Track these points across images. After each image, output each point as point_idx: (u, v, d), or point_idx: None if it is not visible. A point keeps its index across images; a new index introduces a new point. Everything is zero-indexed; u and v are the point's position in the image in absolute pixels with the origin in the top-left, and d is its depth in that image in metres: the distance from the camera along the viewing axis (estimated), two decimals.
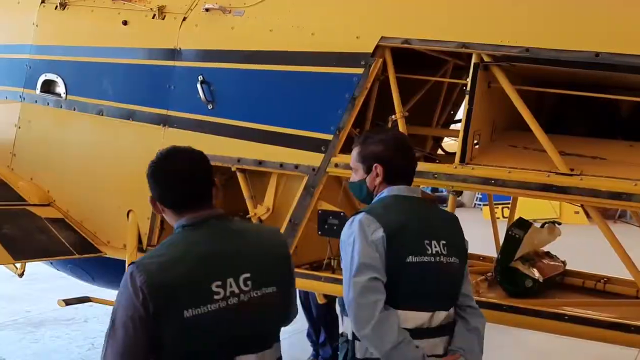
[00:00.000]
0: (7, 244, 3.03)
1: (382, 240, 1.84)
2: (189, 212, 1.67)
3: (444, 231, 1.98)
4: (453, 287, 1.98)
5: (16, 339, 5.57)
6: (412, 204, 1.99)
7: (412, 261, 1.87)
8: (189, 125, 3.11)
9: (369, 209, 1.94)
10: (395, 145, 2.02)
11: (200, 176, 1.71)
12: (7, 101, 3.82)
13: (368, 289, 1.80)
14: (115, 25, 3.33)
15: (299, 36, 2.80)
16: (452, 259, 1.95)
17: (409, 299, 1.87)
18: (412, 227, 1.91)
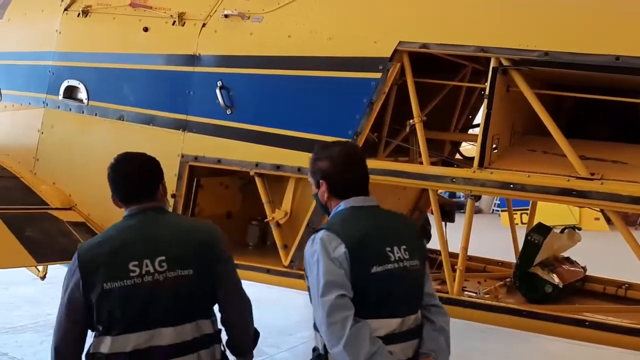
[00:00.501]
0: (29, 246, 3.09)
1: (345, 255, 1.86)
2: (132, 205, 2.05)
3: (404, 236, 2.01)
4: (419, 289, 2.01)
5: (37, 342, 5.65)
6: (369, 214, 2.02)
7: (377, 271, 1.89)
8: (207, 130, 3.15)
9: (329, 225, 1.97)
10: (342, 161, 2.04)
11: (140, 176, 2.08)
12: (31, 107, 3.91)
13: (336, 307, 1.83)
14: (136, 32, 3.39)
15: (317, 41, 2.82)
16: (415, 262, 1.97)
17: (379, 308, 1.89)
18: (373, 236, 1.93)
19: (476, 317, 2.63)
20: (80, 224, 3.56)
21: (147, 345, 1.89)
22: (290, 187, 2.99)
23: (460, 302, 2.60)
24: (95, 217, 3.61)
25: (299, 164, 2.87)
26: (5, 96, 4.11)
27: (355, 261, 1.87)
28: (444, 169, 2.66)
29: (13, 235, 3.11)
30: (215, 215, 3.26)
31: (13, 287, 7.56)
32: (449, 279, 2.65)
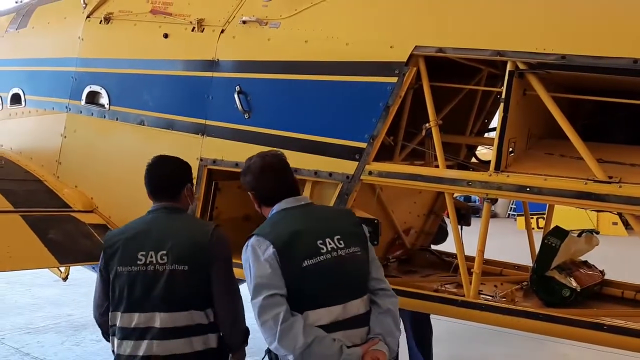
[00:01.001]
0: (53, 248, 3.16)
1: (273, 255, 2.01)
2: (155, 202, 2.46)
3: (338, 226, 2.15)
4: (361, 274, 2.14)
5: (59, 342, 5.77)
6: (299, 212, 2.18)
7: (308, 264, 2.02)
8: (226, 135, 3.20)
9: (258, 231, 2.13)
10: (260, 171, 2.24)
11: (167, 177, 2.46)
12: (54, 112, 4.00)
13: (265, 307, 1.98)
14: (156, 38, 3.45)
15: (334, 46, 2.86)
16: (353, 248, 2.11)
17: (316, 299, 2.02)
18: (302, 233, 2.07)
19: (492, 320, 2.63)
20: (101, 226, 3.63)
21: (146, 325, 2.21)
22: (307, 190, 3.01)
23: (477, 306, 2.60)
24: (115, 220, 3.68)
25: (316, 167, 2.91)
26: (30, 101, 4.21)
27: (284, 259, 2.01)
28: (460, 172, 2.67)
29: (37, 237, 3.19)
30: (233, 218, 3.31)
31: (35, 288, 7.72)
32: (465, 282, 2.66)
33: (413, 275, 3.49)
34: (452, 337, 5.51)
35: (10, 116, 4.34)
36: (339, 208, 2.69)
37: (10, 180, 3.77)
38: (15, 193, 3.55)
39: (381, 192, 3.13)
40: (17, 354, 5.42)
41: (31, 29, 4.35)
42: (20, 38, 4.42)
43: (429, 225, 3.84)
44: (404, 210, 3.58)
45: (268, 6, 3.14)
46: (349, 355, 1.99)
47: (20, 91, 4.25)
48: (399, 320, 2.19)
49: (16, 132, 4.28)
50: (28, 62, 4.27)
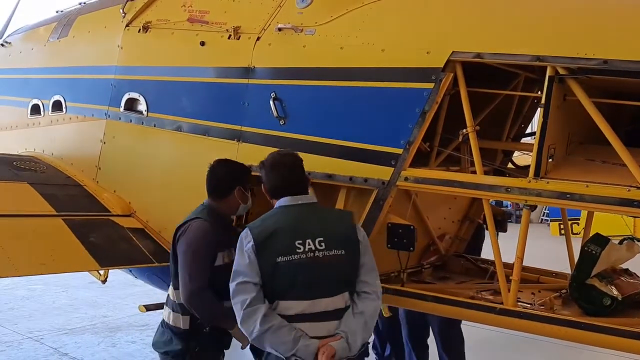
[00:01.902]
0: (93, 251, 3.25)
1: (252, 248, 2.27)
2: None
3: (325, 229, 2.34)
4: (338, 275, 2.32)
5: (95, 343, 5.91)
6: (290, 211, 2.39)
7: (281, 261, 2.25)
8: (261, 141, 3.23)
9: (251, 224, 2.39)
10: (270, 166, 2.48)
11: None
12: (94, 118, 4.11)
13: (236, 291, 2.28)
14: (193, 46, 3.52)
15: (369, 53, 2.87)
16: (334, 251, 2.30)
17: (286, 292, 2.26)
18: (284, 231, 2.30)
19: (532, 328, 2.59)
20: (139, 230, 3.72)
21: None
22: (341, 196, 3.03)
23: (516, 314, 2.57)
24: (153, 224, 3.76)
25: (351, 173, 2.92)
26: (70, 108, 4.34)
27: (260, 253, 2.26)
28: (499, 179, 2.64)
29: (78, 240, 3.29)
30: None
31: (71, 289, 7.93)
32: (503, 289, 2.63)
33: (447, 281, 3.46)
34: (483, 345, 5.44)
35: (51, 123, 4.47)
36: (338, 211, 2.82)
37: (52, 185, 3.88)
38: (57, 197, 3.66)
39: (416, 198, 3.12)
40: (55, 354, 5.57)
41: (72, 38, 4.48)
42: (61, 47, 4.56)
43: (464, 231, 3.80)
44: (438, 216, 3.56)
45: (303, 13, 3.17)
46: (305, 346, 2.22)
47: (62, 98, 4.38)
48: (371, 323, 2.36)
49: (57, 138, 4.41)
50: (69, 70, 4.40)
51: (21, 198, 3.59)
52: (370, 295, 2.36)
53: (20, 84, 4.90)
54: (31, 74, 4.81)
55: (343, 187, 3.00)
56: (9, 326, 6.37)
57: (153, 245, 3.60)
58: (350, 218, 2.50)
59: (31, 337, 6.04)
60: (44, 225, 3.36)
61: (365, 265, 2.40)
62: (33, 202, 3.54)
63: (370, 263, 2.42)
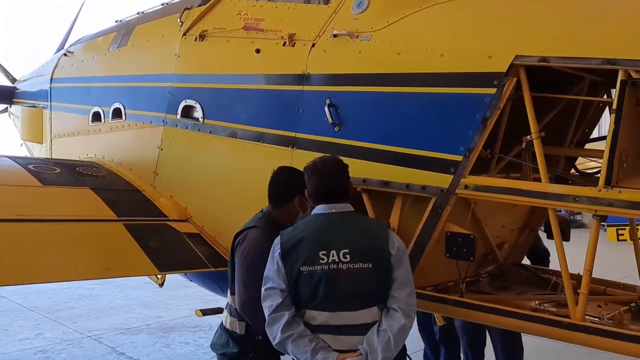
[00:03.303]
0: (152, 256, 3.32)
1: (279, 256, 2.32)
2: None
3: (352, 240, 2.31)
4: (362, 289, 2.28)
5: (150, 343, 6.06)
6: (320, 220, 2.39)
7: (304, 270, 2.27)
8: (316, 147, 3.22)
9: (286, 230, 2.44)
10: (311, 173, 2.48)
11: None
12: (152, 125, 4.22)
13: (265, 296, 2.35)
14: (248, 54, 3.55)
15: (428, 58, 2.81)
16: (359, 264, 2.27)
17: (309, 301, 2.28)
18: (308, 241, 2.31)
19: (600, 344, 2.46)
20: (195, 235, 3.78)
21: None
22: (397, 203, 2.98)
23: (585, 329, 2.45)
24: (208, 229, 3.82)
25: (408, 180, 2.86)
26: (129, 115, 4.47)
27: (286, 261, 2.30)
28: (567, 188, 2.53)
29: (138, 245, 3.37)
30: None
31: (127, 290, 8.17)
32: (570, 302, 2.51)
33: (507, 291, 3.35)
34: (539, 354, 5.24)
35: (111, 129, 4.62)
36: (372, 221, 2.75)
37: (112, 191, 4.01)
38: (117, 203, 3.78)
39: (475, 206, 3.03)
40: (113, 353, 5.75)
41: (131, 47, 4.61)
42: (121, 56, 4.71)
43: (523, 240, 3.68)
44: (497, 224, 3.45)
45: (359, 19, 3.14)
46: (323, 358, 2.23)
47: (121, 106, 4.52)
48: (396, 342, 2.26)
49: (117, 144, 4.55)
50: (128, 78, 4.53)
51: (84, 203, 3.72)
52: (397, 312, 2.28)
53: (82, 92, 5.09)
54: (93, 83, 4.99)
55: (399, 194, 2.95)
56: (70, 325, 6.63)
57: (209, 251, 3.65)
58: (384, 229, 2.45)
59: (90, 336, 6.26)
60: (106, 229, 3.47)
61: (397, 279, 2.32)
62: (95, 207, 3.66)
63: (403, 277, 2.34)
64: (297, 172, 2.87)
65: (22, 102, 6.45)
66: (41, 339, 6.13)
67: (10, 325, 6.55)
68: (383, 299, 2.33)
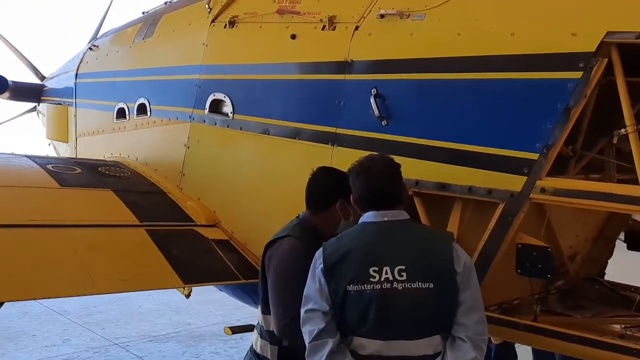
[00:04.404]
0: (177, 267, 2.98)
1: (321, 272, 1.97)
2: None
3: (407, 255, 1.93)
4: (422, 314, 1.91)
5: (179, 352, 5.77)
6: (371, 230, 2.03)
7: (351, 290, 1.91)
8: (359, 144, 2.82)
9: (328, 241, 2.07)
10: (357, 174, 2.11)
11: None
12: (178, 121, 3.89)
13: (305, 319, 1.99)
14: (283, 40, 3.18)
15: (495, 38, 2.37)
16: (419, 284, 1.90)
17: (358, 326, 1.92)
18: (356, 255, 1.95)
19: None
20: (224, 242, 3.44)
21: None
22: (456, 209, 2.55)
23: None
24: (239, 235, 3.47)
25: (470, 182, 2.43)
26: (154, 111, 4.16)
27: (330, 279, 1.95)
28: None
29: (161, 254, 3.04)
30: None
31: (156, 294, 7.91)
32: None
33: (581, 311, 2.89)
34: None
35: (136, 127, 4.33)
36: (434, 232, 2.26)
37: (135, 193, 3.70)
38: (140, 206, 3.46)
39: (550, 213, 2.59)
40: None
41: (157, 38, 4.31)
42: (146, 48, 4.41)
43: (597, 251, 3.19)
44: (570, 234, 2.99)
45: None
46: None
47: (146, 101, 4.21)
48: None
49: (142, 142, 4.25)
50: (154, 71, 4.23)
51: (104, 206, 3.42)
52: (465, 343, 1.92)
53: (106, 88, 4.82)
54: (117, 77, 4.71)
55: (459, 199, 2.52)
56: (97, 330, 6.40)
57: (239, 260, 3.30)
58: (448, 241, 2.03)
59: (117, 343, 6.01)
60: (126, 236, 3.15)
61: (464, 303, 1.95)
62: (116, 210, 3.35)
63: (471, 301, 1.96)
64: (340, 173, 2.50)
65: (49, 99, 6.25)
66: (68, 345, 5.91)
67: (38, 330, 6.37)
68: (447, 326, 1.96)
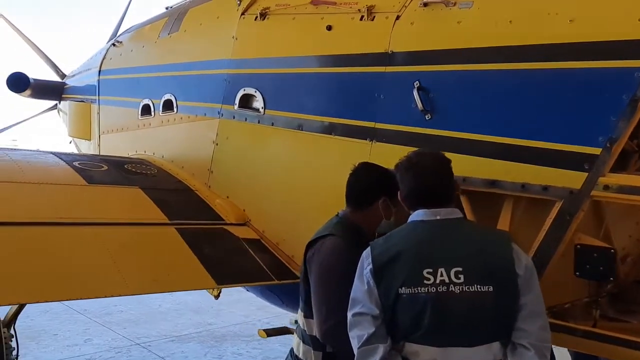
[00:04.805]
0: (210, 267, 2.88)
1: (370, 274, 1.87)
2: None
3: (464, 256, 1.82)
4: (482, 320, 1.79)
5: (202, 353, 5.67)
6: (423, 229, 1.92)
7: (403, 293, 1.81)
8: (401, 139, 2.69)
9: (375, 240, 1.98)
10: (405, 170, 2.01)
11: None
12: (206, 118, 3.79)
13: (352, 324, 1.88)
14: (318, 32, 3.06)
15: (552, 24, 2.23)
16: (477, 287, 1.78)
17: (411, 331, 1.82)
18: (408, 255, 1.85)
19: None
20: (254, 241, 3.33)
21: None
22: (507, 208, 2.41)
23: None
24: (270, 235, 3.36)
25: (524, 179, 2.29)
26: (181, 107, 4.06)
27: (380, 281, 1.85)
28: None
29: (193, 253, 2.93)
30: None
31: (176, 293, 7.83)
32: None
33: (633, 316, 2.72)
34: None
35: (162, 123, 4.23)
36: (490, 232, 2.09)
37: (162, 190, 3.60)
38: (169, 204, 3.36)
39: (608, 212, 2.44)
40: None
41: (183, 33, 4.21)
42: (172, 43, 4.32)
43: None
44: (623, 234, 2.82)
45: None
46: None
47: (172, 97, 4.12)
48: None
49: (168, 139, 4.16)
50: (180, 66, 4.13)
51: (133, 204, 3.33)
52: (529, 350, 1.80)
53: (131, 84, 4.74)
54: (142, 73, 4.63)
55: (510, 197, 2.38)
56: (119, 330, 6.33)
57: (271, 260, 3.18)
58: (507, 241, 1.90)
59: (139, 343, 5.94)
60: (157, 235, 3.05)
61: (525, 307, 1.82)
62: (145, 208, 3.26)
63: (533, 305, 1.83)
64: (382, 169, 2.40)
65: (71, 97, 6.19)
66: (89, 345, 5.85)
67: (59, 330, 6.31)
68: (507, 332, 1.83)
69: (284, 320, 6.24)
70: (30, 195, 3.04)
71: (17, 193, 3.00)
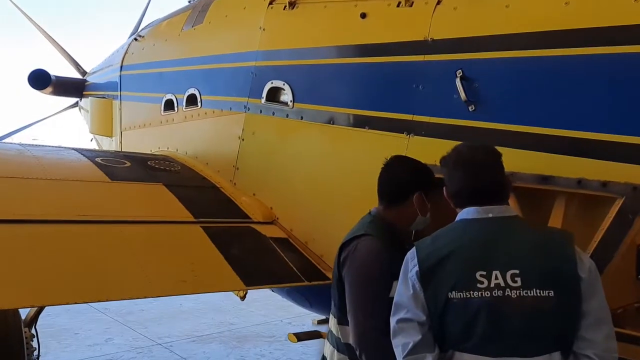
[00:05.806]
0: (237, 267, 2.73)
1: (416, 277, 1.75)
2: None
3: (521, 258, 1.67)
4: (542, 327, 1.64)
5: (224, 354, 5.56)
6: (474, 228, 1.77)
7: (454, 297, 1.68)
8: (442, 133, 2.53)
9: (421, 241, 1.84)
10: (454, 165, 1.87)
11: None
12: (231, 112, 3.65)
13: (396, 331, 1.77)
14: (351, 20, 2.91)
15: (614, 5, 2.05)
16: (537, 292, 1.64)
17: (462, 340, 1.68)
18: (459, 257, 1.71)
19: None
20: (282, 240, 3.18)
21: None
22: (559, 205, 2.23)
23: None
24: (298, 233, 3.21)
25: (580, 174, 2.11)
26: (206, 102, 3.94)
27: (428, 284, 1.73)
28: None
29: (220, 254, 2.80)
30: None
31: None
32: None
33: None
34: None
35: (185, 118, 4.12)
36: (549, 232, 1.91)
37: (186, 187, 3.48)
38: (194, 201, 3.23)
39: None
40: None
41: (207, 25, 4.09)
42: (196, 35, 4.19)
43: None
44: None
45: None
46: None
47: (196, 91, 4.00)
48: None
49: (191, 135, 4.04)
50: (204, 60, 4.00)
51: (157, 201, 3.20)
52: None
53: (153, 79, 4.63)
54: (165, 67, 4.52)
55: (563, 193, 2.20)
56: (140, 330, 6.25)
57: (300, 260, 3.04)
58: (569, 242, 1.73)
59: (161, 343, 5.85)
60: (182, 233, 2.92)
61: (589, 314, 1.67)
62: (169, 206, 3.13)
63: (597, 312, 1.68)
64: (415, 162, 2.27)
65: (92, 94, 6.12)
66: (110, 345, 5.77)
67: (80, 329, 6.26)
68: (568, 342, 1.68)
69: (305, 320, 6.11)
70: (51, 192, 2.93)
71: (38, 190, 2.89)
